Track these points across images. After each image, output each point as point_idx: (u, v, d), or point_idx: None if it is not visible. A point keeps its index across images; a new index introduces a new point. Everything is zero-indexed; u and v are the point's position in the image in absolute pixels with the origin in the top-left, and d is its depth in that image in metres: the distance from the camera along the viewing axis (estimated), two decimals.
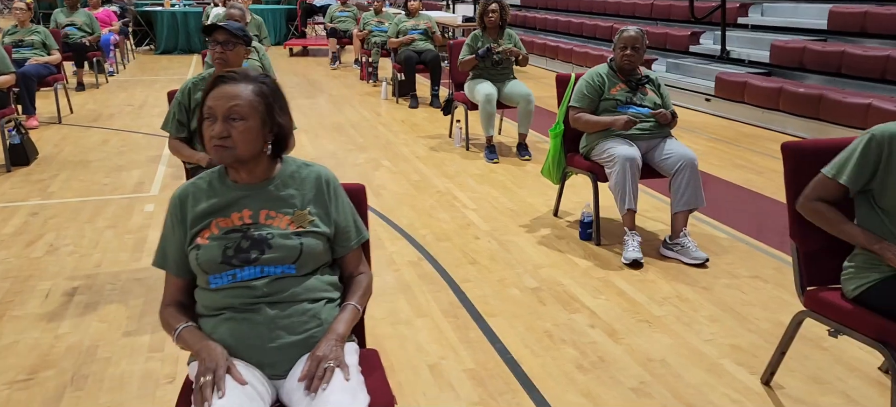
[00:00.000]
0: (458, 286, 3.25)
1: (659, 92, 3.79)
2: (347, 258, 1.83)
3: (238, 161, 1.66)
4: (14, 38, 6.88)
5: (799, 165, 2.27)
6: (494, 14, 5.50)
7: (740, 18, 8.34)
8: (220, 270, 1.63)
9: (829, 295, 2.17)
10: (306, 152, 5.64)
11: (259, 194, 1.70)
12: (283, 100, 1.75)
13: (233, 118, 1.61)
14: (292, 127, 1.79)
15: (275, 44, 13.45)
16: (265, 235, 1.65)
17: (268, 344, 1.61)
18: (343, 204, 1.81)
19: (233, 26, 3.23)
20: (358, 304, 1.77)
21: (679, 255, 3.50)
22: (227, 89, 1.63)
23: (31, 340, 2.72)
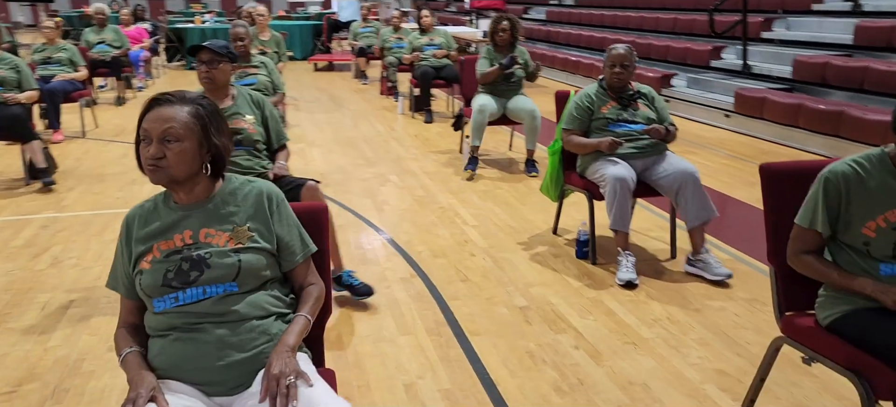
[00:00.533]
0: (446, 304, 3.24)
1: (653, 106, 3.75)
2: (295, 271, 1.83)
3: (173, 182, 1.67)
4: (43, 56, 7.09)
5: (776, 187, 2.21)
6: (505, 31, 5.49)
7: (764, 33, 8.20)
8: (163, 294, 1.64)
9: (805, 321, 2.11)
10: (316, 167, 5.70)
11: (199, 214, 1.72)
12: (221, 121, 1.76)
13: (167, 140, 1.63)
14: (230, 147, 1.79)
15: (302, 59, 13.69)
16: (204, 255, 1.66)
17: (216, 363, 1.61)
18: (286, 219, 1.81)
19: (217, 45, 3.29)
20: (308, 314, 1.77)
21: (702, 271, 3.44)
22: (163, 112, 1.65)
23: (21, 352, 2.79)
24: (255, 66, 5.36)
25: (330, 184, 5.21)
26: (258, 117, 3.38)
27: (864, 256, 1.95)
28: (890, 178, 1.93)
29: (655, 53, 9.20)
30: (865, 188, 1.94)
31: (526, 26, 13.56)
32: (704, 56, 8.29)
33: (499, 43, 5.52)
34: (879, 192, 1.93)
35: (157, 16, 20.04)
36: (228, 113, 3.30)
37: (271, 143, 3.42)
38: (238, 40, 5.30)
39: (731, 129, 7.09)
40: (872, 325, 1.89)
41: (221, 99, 3.34)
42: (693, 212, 3.41)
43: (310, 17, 16.40)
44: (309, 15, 17.32)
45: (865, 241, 1.93)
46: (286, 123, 7.45)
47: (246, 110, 3.35)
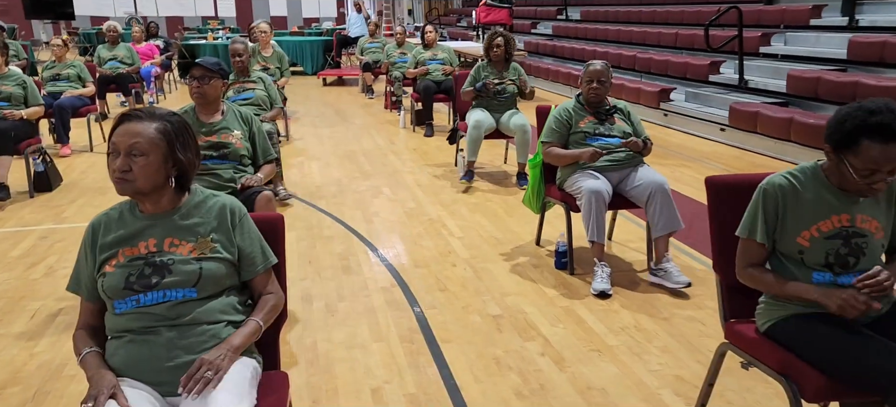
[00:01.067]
0: (422, 312, 3.33)
1: (629, 120, 3.83)
2: (255, 281, 1.94)
3: (138, 193, 1.79)
4: (52, 72, 7.31)
5: (721, 199, 2.29)
6: (499, 48, 5.61)
7: (763, 48, 8.24)
8: (124, 296, 1.75)
9: (746, 328, 2.18)
10: (313, 179, 5.83)
11: (165, 224, 1.83)
12: (188, 136, 1.87)
13: (134, 154, 1.75)
14: (196, 162, 1.90)
15: (312, 73, 13.91)
16: (166, 262, 1.78)
17: (165, 364, 1.72)
18: (248, 231, 1.93)
19: (208, 62, 3.43)
20: (261, 320, 1.87)
21: (663, 280, 3.51)
22: (131, 127, 1.77)
23: (7, 357, 2.92)
24: (252, 81, 5.53)
25: (324, 196, 5.34)
26: (245, 133, 3.51)
27: (799, 265, 2.02)
28: (823, 191, 2.01)
29: (656, 68, 9.26)
30: (800, 200, 2.01)
31: (533, 41, 13.69)
32: (703, 71, 8.35)
33: (493, 59, 5.63)
34: (813, 204, 2.00)
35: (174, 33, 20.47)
36: (217, 127, 3.44)
37: (257, 158, 3.54)
38: (236, 56, 5.47)
39: (726, 142, 7.13)
40: (802, 331, 1.97)
41: (212, 113, 3.48)
42: (660, 222, 3.49)
43: (322, 33, 16.66)
44: (321, 31, 17.60)
45: (800, 249, 2.00)
46: (289, 137, 7.61)
47: (234, 126, 3.49)
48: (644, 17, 11.44)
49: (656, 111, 8.38)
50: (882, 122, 1.80)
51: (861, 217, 1.99)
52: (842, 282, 1.97)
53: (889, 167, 1.83)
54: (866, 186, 1.88)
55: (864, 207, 2.02)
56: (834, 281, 1.98)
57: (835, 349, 1.87)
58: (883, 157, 1.82)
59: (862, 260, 1.98)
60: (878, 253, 2.04)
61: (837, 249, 1.97)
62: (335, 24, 19.22)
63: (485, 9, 12.22)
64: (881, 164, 1.82)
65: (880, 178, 1.85)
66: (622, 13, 12.20)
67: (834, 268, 1.98)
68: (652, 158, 6.54)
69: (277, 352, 2.07)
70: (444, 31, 18.58)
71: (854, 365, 1.83)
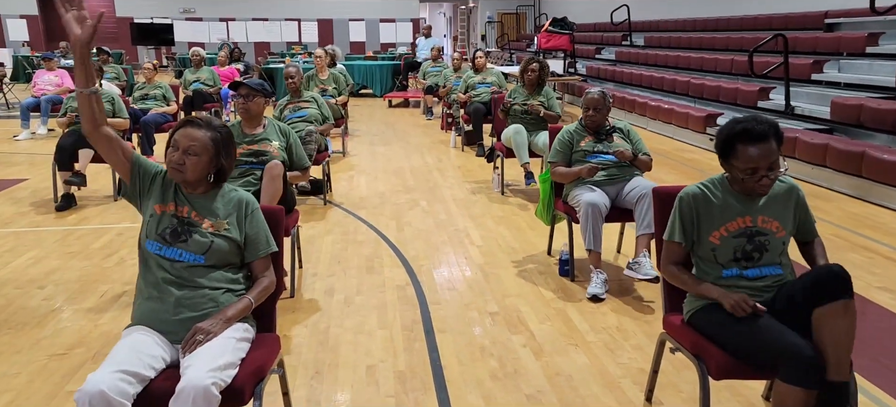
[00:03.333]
0: (427, 308, 3.73)
1: (628, 138, 4.12)
2: (255, 264, 2.40)
3: (185, 182, 2.30)
4: (142, 92, 8.20)
5: (665, 208, 2.59)
6: (534, 73, 6.00)
7: (815, 74, 8.24)
8: (156, 240, 2.25)
9: (676, 319, 2.47)
10: (359, 191, 6.34)
11: (198, 202, 2.33)
12: (232, 147, 2.40)
13: (189, 152, 2.26)
14: (233, 166, 2.42)
15: (380, 95, 14.61)
16: (191, 230, 2.27)
17: (173, 317, 2.19)
18: (257, 221, 2.39)
19: (253, 83, 3.98)
20: (253, 298, 2.32)
21: (634, 272, 3.78)
22: (191, 131, 2.29)
23: (77, 326, 3.51)
24: (306, 100, 6.12)
25: (365, 207, 5.82)
26: (283, 144, 4.03)
27: (712, 263, 2.32)
28: (729, 197, 2.32)
29: (708, 93, 9.36)
30: (710, 205, 2.33)
31: (595, 66, 13.92)
32: (752, 97, 8.41)
33: (527, 82, 6.02)
34: (721, 208, 2.31)
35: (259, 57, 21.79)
36: (259, 138, 3.97)
37: (292, 165, 4.06)
38: (289, 78, 6.09)
39: None
40: (711, 318, 2.26)
41: (255, 126, 4.03)
42: (643, 221, 3.77)
43: (394, 58, 17.43)
44: (395, 56, 18.40)
45: (712, 247, 2.31)
46: (345, 153, 8.19)
47: (273, 137, 4.01)
48: (705, 43, 11.52)
49: (702, 136, 8.49)
50: (747, 128, 2.17)
51: (762, 218, 2.29)
52: (748, 274, 2.27)
53: (765, 163, 2.16)
54: (755, 183, 2.20)
55: (765, 209, 2.33)
56: (741, 274, 2.27)
57: (735, 331, 2.16)
58: (756, 154, 2.16)
59: (765, 255, 2.28)
60: (779, 249, 2.31)
61: (743, 246, 2.27)
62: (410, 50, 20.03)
63: (545, 35, 12.57)
64: (757, 160, 2.16)
65: (762, 175, 2.18)
66: (684, 39, 12.29)
67: (741, 262, 2.27)
68: (689, 180, 6.72)
69: (273, 319, 2.51)
70: (513, 56, 19.02)
71: (750, 344, 2.12)
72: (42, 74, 10.07)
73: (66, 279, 4.15)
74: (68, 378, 2.97)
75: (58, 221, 5.46)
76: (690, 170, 7.29)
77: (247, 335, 2.28)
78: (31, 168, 7.48)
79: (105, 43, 23.71)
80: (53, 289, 4.00)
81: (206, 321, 2.16)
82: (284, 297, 3.79)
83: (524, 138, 5.85)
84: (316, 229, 5.16)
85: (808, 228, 2.44)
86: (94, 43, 2.27)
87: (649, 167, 4.09)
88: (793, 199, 2.36)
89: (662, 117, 9.57)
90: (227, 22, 25.16)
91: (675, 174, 7.03)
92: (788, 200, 2.35)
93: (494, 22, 25.62)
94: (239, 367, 2.11)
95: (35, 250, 4.71)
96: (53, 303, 3.79)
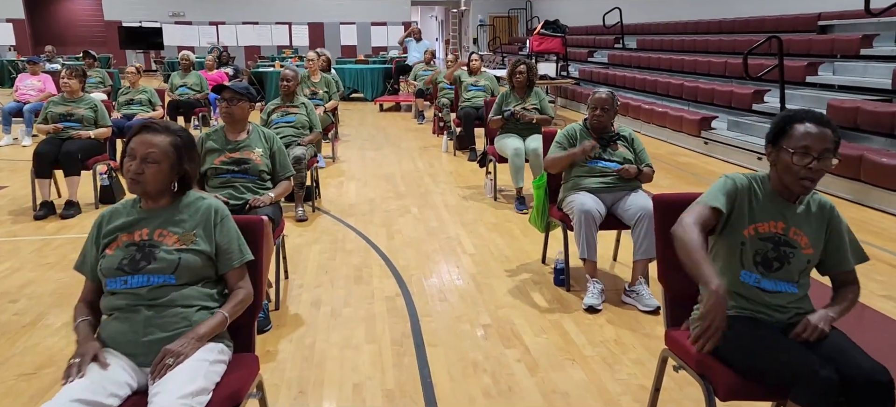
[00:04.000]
0: (418, 320, 3.58)
1: (632, 147, 3.98)
2: (230, 275, 2.24)
3: (146, 194, 2.14)
4: (127, 97, 8.03)
5: (667, 216, 2.46)
6: (522, 75, 5.86)
7: (809, 77, 8.15)
8: (115, 276, 2.09)
9: (681, 334, 2.33)
10: (348, 198, 6.18)
11: (159, 217, 2.17)
12: (194, 151, 2.23)
13: (147, 160, 2.10)
14: (197, 172, 2.25)
15: (372, 100, 14.46)
16: (153, 249, 2.11)
17: (141, 338, 2.03)
18: (228, 230, 2.24)
19: (237, 86, 3.83)
20: (227, 312, 2.16)
21: (634, 301, 3.65)
22: (148, 137, 2.13)
23: (49, 343, 3.34)
24: (296, 106, 5.96)
25: (355, 214, 5.67)
26: (266, 151, 3.87)
27: (734, 259, 2.18)
28: (768, 196, 2.23)
29: (703, 96, 9.26)
30: (752, 197, 2.23)
31: (588, 69, 13.82)
32: (747, 99, 8.31)
33: (516, 85, 5.88)
34: (760, 204, 2.21)
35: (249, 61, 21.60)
36: (242, 145, 3.82)
37: (277, 173, 3.90)
38: (285, 81, 5.92)
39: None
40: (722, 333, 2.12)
41: (238, 132, 3.87)
42: (642, 247, 3.63)
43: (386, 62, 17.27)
44: (386, 59, 18.24)
45: (742, 241, 2.19)
46: (335, 158, 8.03)
47: (257, 144, 3.86)
48: (698, 45, 11.43)
49: (697, 139, 8.39)
50: (807, 111, 2.13)
51: (794, 229, 2.17)
52: (765, 286, 2.15)
53: (819, 145, 2.06)
54: (802, 168, 2.08)
55: (800, 220, 2.20)
56: (759, 282, 2.16)
57: (745, 349, 2.03)
58: (813, 132, 2.07)
59: (784, 268, 2.16)
60: (801, 267, 2.17)
61: (766, 252, 2.16)
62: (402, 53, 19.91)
63: (538, 38, 12.45)
64: (811, 140, 2.06)
65: (812, 159, 2.07)
66: (677, 42, 12.20)
67: (759, 268, 2.15)
68: (685, 185, 6.61)
69: (252, 336, 2.36)
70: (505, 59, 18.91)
71: (761, 362, 1.98)
72: (25, 78, 9.86)
73: (40, 293, 3.98)
74: (36, 400, 2.80)
75: (36, 230, 5.28)
76: (686, 174, 7.18)
77: (222, 357, 2.12)
78: (12, 175, 7.29)
79: (93, 47, 23.51)
80: (27, 303, 3.83)
81: (176, 342, 2.01)
82: (270, 309, 3.63)
83: (523, 160, 5.68)
84: (303, 237, 5.01)
85: (839, 258, 2.22)
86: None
87: (650, 179, 3.96)
88: (826, 218, 2.23)
89: (656, 121, 9.47)
90: (216, 25, 24.94)
91: (670, 178, 6.91)
92: (822, 218, 2.23)
93: (486, 25, 25.51)
94: (213, 392, 1.96)
95: (10, 261, 4.54)
96: (25, 318, 3.62)
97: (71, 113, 5.99)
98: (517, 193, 5.80)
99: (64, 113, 5.96)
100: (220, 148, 3.78)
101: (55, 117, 5.93)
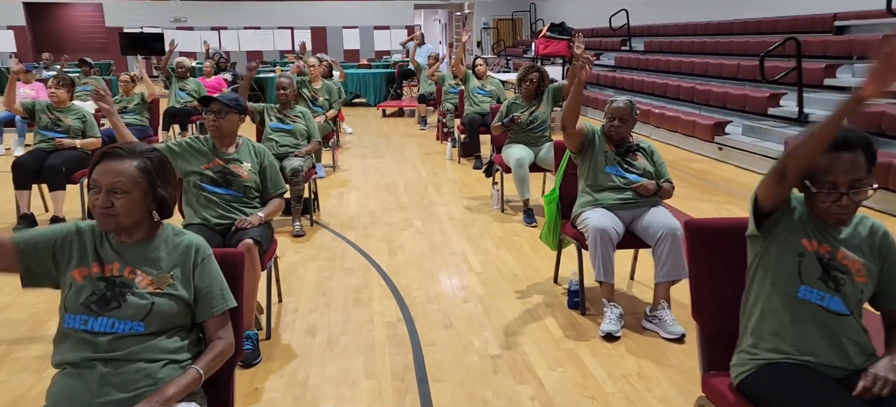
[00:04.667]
0: (420, 350, 3.29)
1: (652, 160, 3.69)
2: (208, 324, 1.95)
3: (120, 228, 1.85)
4: (119, 106, 7.75)
5: (700, 243, 2.17)
6: (532, 83, 5.57)
7: (827, 80, 7.84)
8: (79, 312, 1.79)
9: (721, 382, 2.04)
10: (348, 210, 5.90)
11: (133, 253, 1.88)
12: (168, 171, 1.94)
13: (115, 191, 1.82)
14: (176, 195, 1.97)
15: (375, 105, 14.18)
16: (124, 291, 1.82)
17: (95, 399, 1.72)
18: (210, 272, 1.95)
19: (226, 98, 3.54)
20: (202, 368, 1.87)
21: (657, 328, 3.35)
22: (112, 165, 1.84)
23: (18, 380, 3.06)
24: (295, 114, 5.69)
25: (355, 227, 5.39)
26: (255, 165, 3.57)
27: (794, 271, 1.89)
28: (808, 218, 1.94)
29: (715, 100, 8.96)
30: (793, 212, 1.95)
31: (595, 73, 13.52)
32: (762, 103, 8.01)
33: (524, 92, 5.59)
34: (804, 221, 1.93)
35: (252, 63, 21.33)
36: (230, 159, 3.52)
37: (267, 190, 3.60)
38: (281, 90, 5.66)
39: None
40: (771, 385, 1.83)
41: (227, 146, 3.57)
42: (664, 268, 3.33)
43: (389, 66, 17.00)
44: (389, 63, 17.97)
45: (801, 251, 1.90)
46: (336, 167, 7.75)
47: (246, 159, 3.56)
48: (708, 47, 11.13)
49: (710, 145, 8.08)
50: None
51: (842, 253, 1.89)
52: (830, 306, 1.86)
53: (847, 178, 1.79)
54: (833, 204, 1.82)
55: (848, 243, 1.91)
56: (822, 301, 1.86)
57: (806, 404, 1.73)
58: (835, 167, 1.80)
59: (841, 293, 1.87)
60: (855, 297, 1.88)
61: (820, 274, 1.87)
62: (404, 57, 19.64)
63: (543, 41, 12.17)
64: (837, 173, 1.80)
65: (842, 192, 1.80)
66: (686, 44, 11.91)
67: (820, 284, 1.87)
68: (699, 194, 6.30)
69: (230, 392, 2.07)
70: (509, 62, 18.62)
71: None
72: (18, 87, 9.60)
73: (14, 320, 3.70)
74: None
75: None
76: (700, 182, 6.87)
77: None
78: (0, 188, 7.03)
79: (94, 54, 23.33)
80: None
81: (139, 404, 1.72)
82: (260, 339, 3.34)
83: (527, 171, 5.38)
84: (300, 254, 4.72)
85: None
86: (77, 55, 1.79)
87: (670, 196, 3.66)
88: (879, 243, 1.93)
89: (667, 125, 9.16)
90: (218, 31, 24.74)
91: (683, 186, 6.60)
92: (873, 243, 1.93)
93: (490, 28, 25.24)
94: None
95: None
96: None
97: (58, 122, 5.72)
98: (524, 205, 5.50)
99: (50, 122, 5.69)
100: (207, 152, 3.48)
101: (41, 126, 5.66)
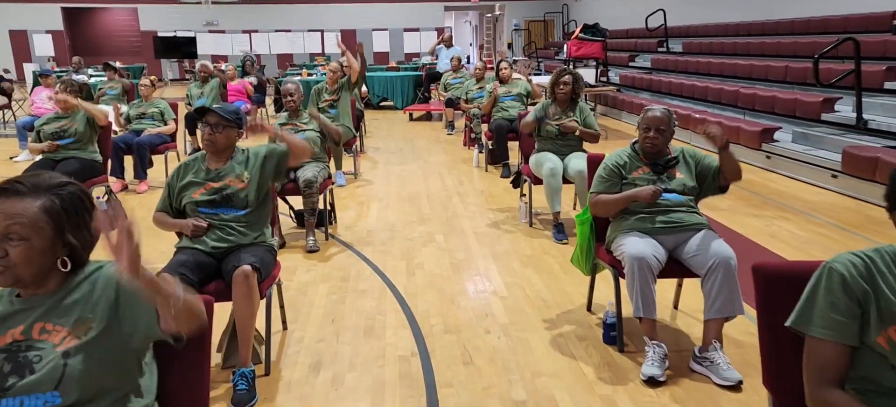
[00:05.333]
0: (435, 392, 2.90)
1: (690, 168, 3.25)
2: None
3: (19, 282, 1.49)
4: (138, 111, 7.53)
5: (773, 294, 1.74)
6: (566, 86, 5.15)
7: (888, 83, 7.24)
8: None
9: None
10: (366, 223, 5.54)
11: (40, 307, 1.53)
12: (83, 211, 1.57)
13: (9, 238, 1.46)
14: (92, 242, 1.60)
15: (402, 108, 13.85)
16: (31, 358, 1.47)
17: None
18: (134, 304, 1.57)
19: (226, 110, 3.20)
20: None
21: (708, 372, 2.91)
22: (7, 205, 1.48)
23: None
24: (304, 122, 5.37)
25: (373, 243, 5.03)
26: (252, 166, 3.20)
27: (883, 368, 1.46)
28: None
29: (761, 104, 8.40)
30: (878, 289, 1.48)
31: (629, 74, 13.00)
32: (815, 108, 7.44)
33: (558, 98, 5.18)
34: (893, 295, 1.46)
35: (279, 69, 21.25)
36: (221, 174, 3.17)
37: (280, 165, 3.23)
38: (288, 96, 5.35)
39: (839, 191, 6.24)
40: None
41: (220, 161, 3.23)
42: (718, 303, 2.89)
43: (417, 68, 16.67)
44: (416, 66, 17.63)
45: (882, 353, 1.46)
46: (357, 175, 7.41)
47: (236, 167, 3.20)
48: (752, 48, 10.54)
49: (757, 153, 7.55)
50: None
51: None
52: None
53: None
54: None
55: None
56: None
57: None
58: None
59: None
60: None
61: None
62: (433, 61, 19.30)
63: (576, 43, 11.70)
64: None
65: None
66: (728, 45, 11.33)
67: None
68: (746, 207, 5.81)
69: None
70: (541, 64, 18.16)
71: None
72: (40, 92, 9.51)
73: None
74: None
75: None
76: (747, 193, 6.36)
77: None
78: None
79: (128, 57, 23.49)
80: None
81: None
82: (258, 375, 2.99)
83: (559, 182, 4.96)
84: (311, 273, 4.37)
85: None
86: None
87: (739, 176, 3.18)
88: None
89: None
90: (249, 34, 24.73)
91: (728, 198, 6.10)
92: None
93: (521, 29, 24.79)
94: None
95: None
96: None
97: (64, 129, 5.48)
98: (554, 219, 5.07)
99: (56, 130, 5.45)
100: (199, 180, 3.16)
101: (47, 135, 5.43)
